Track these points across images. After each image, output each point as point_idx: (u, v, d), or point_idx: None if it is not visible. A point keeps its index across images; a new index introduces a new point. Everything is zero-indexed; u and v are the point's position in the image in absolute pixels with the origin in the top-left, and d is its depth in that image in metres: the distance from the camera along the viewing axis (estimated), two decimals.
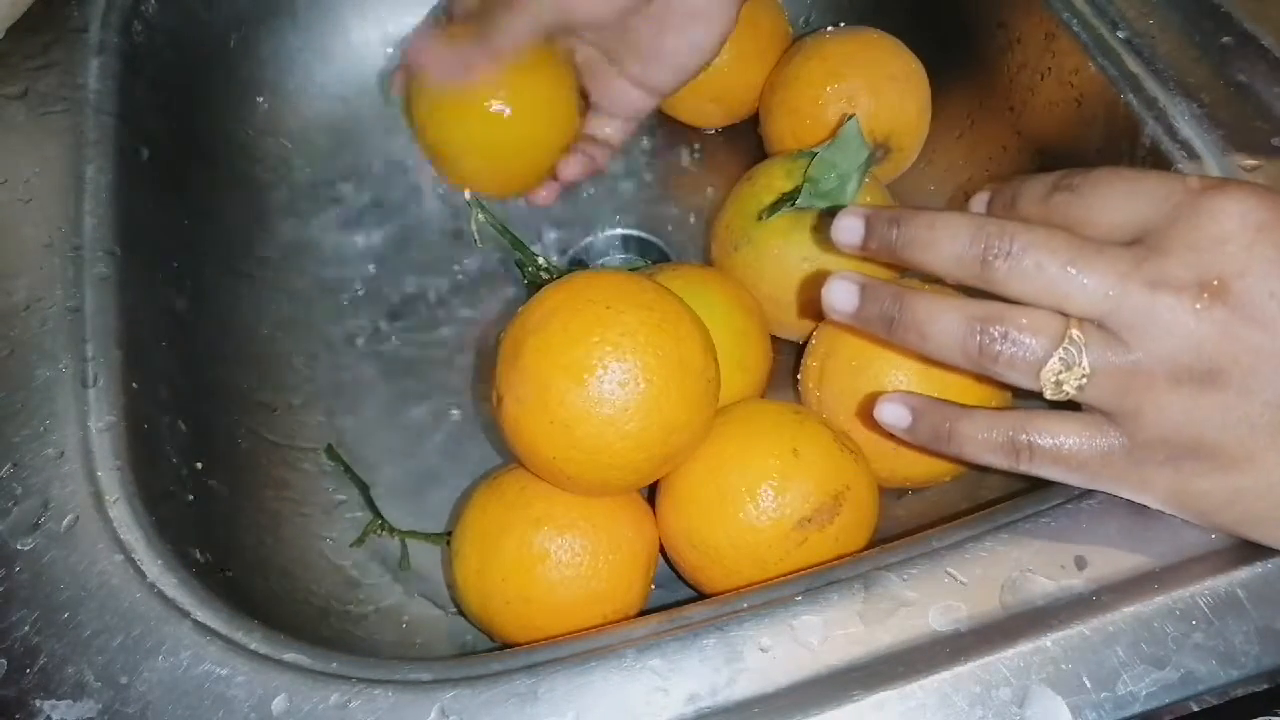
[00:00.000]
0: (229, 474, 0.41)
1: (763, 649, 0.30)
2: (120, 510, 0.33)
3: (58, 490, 0.33)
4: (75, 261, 0.38)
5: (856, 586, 0.31)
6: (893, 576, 0.31)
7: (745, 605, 0.31)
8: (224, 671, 0.30)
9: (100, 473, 0.34)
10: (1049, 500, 0.33)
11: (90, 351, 0.36)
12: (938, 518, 0.36)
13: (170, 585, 0.32)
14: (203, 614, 0.31)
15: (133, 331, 0.38)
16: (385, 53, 0.58)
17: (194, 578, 0.32)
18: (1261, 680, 0.29)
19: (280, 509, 0.43)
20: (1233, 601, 0.30)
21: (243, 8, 0.53)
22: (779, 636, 0.30)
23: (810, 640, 0.30)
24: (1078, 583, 0.31)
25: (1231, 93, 0.40)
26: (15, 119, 0.42)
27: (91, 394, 0.35)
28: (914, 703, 0.28)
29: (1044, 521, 0.32)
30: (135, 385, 0.37)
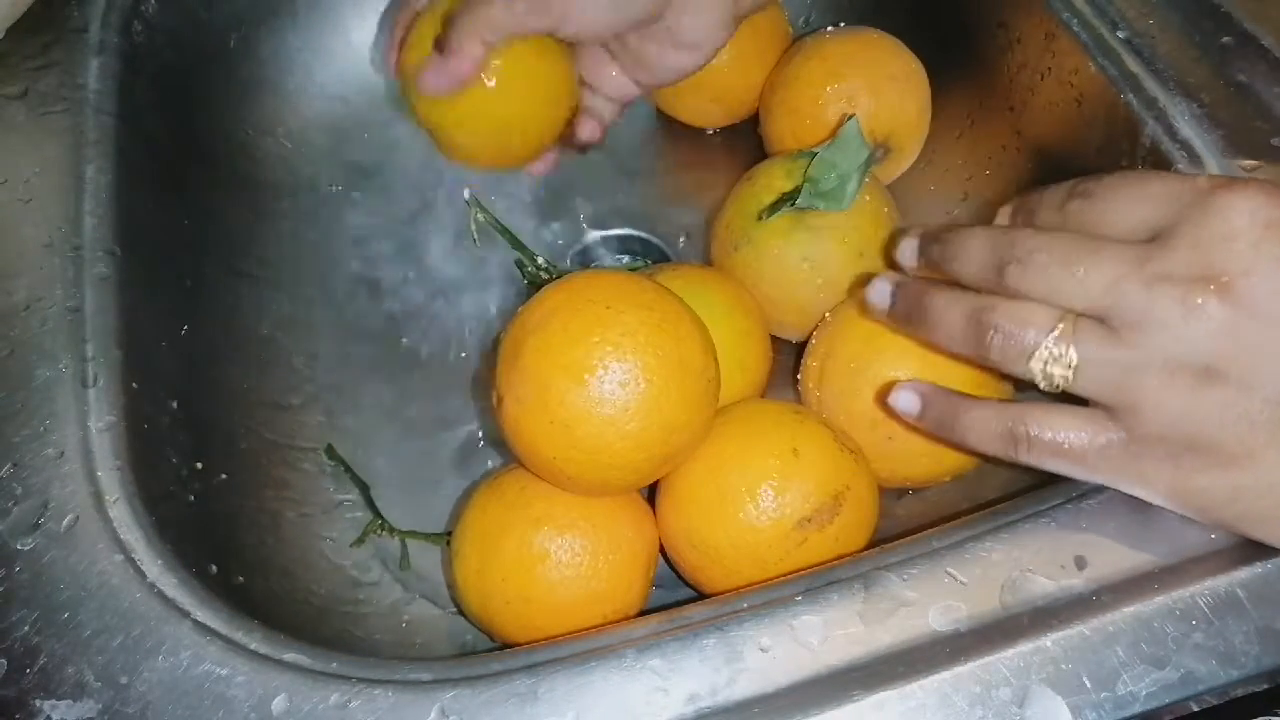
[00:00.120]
0: (229, 474, 0.41)
1: (763, 649, 0.30)
2: (120, 510, 0.33)
3: (58, 490, 0.33)
4: (75, 261, 0.38)
5: (856, 586, 0.31)
6: (893, 576, 0.31)
7: (745, 605, 0.31)
8: (224, 671, 0.30)
9: (100, 473, 0.34)
10: (1049, 500, 0.33)
11: (90, 351, 0.36)
12: (938, 518, 0.36)
13: (170, 585, 0.32)
14: (203, 614, 0.31)
15: (133, 331, 0.38)
16: (377, 50, 0.58)
17: (194, 578, 0.32)
18: (1261, 680, 0.29)
19: (280, 509, 0.43)
20: (1233, 601, 0.30)
21: (243, 8, 0.53)
22: (779, 636, 0.30)
23: (810, 640, 0.30)
24: (1078, 583, 0.31)
25: (1231, 93, 0.40)
26: (15, 119, 0.42)
27: (91, 394, 0.35)
28: (914, 703, 0.28)
29: (1044, 521, 0.32)
30: (135, 385, 0.37)
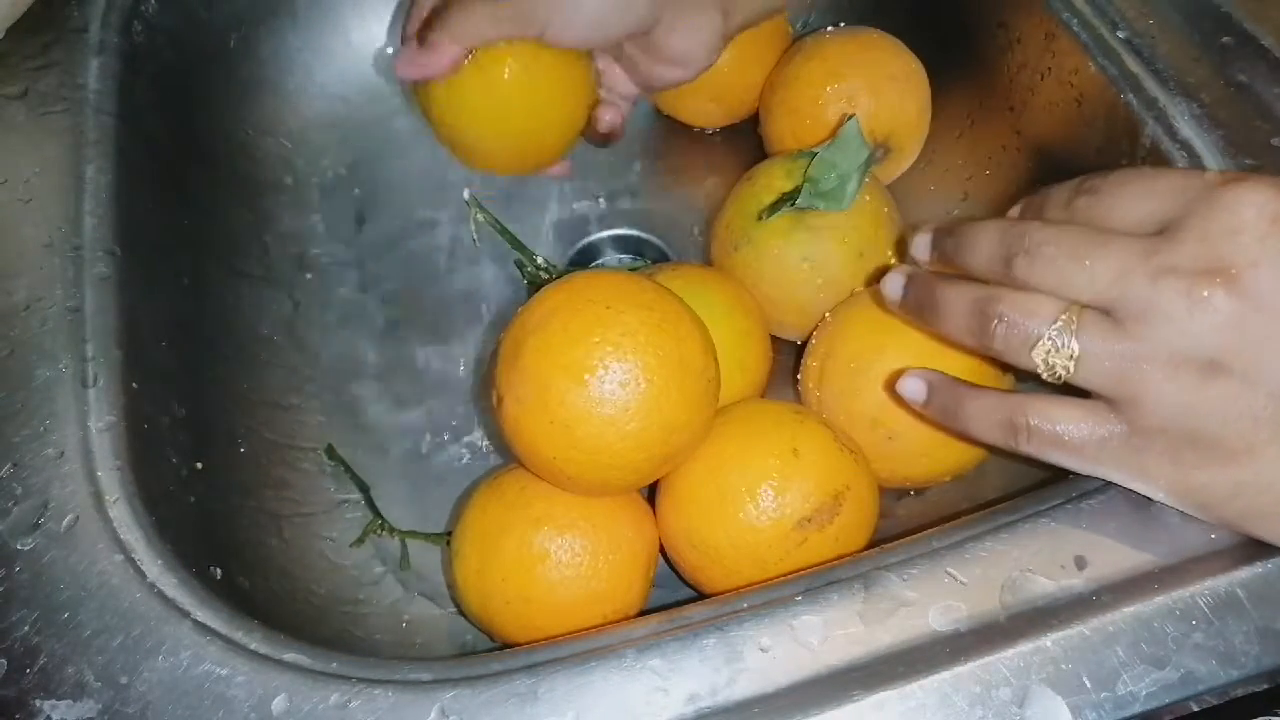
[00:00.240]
0: (229, 474, 0.41)
1: (763, 649, 0.30)
2: (120, 510, 0.33)
3: (58, 490, 0.33)
4: (75, 261, 0.38)
5: (856, 586, 0.31)
6: (893, 576, 0.31)
7: (745, 605, 0.31)
8: (224, 671, 0.30)
9: (100, 473, 0.34)
10: (1049, 500, 0.33)
11: (90, 351, 0.36)
12: (938, 518, 0.36)
13: (170, 585, 0.32)
14: (203, 614, 0.31)
15: (133, 331, 0.38)
16: (386, 53, 0.58)
17: (194, 578, 0.32)
18: (1261, 680, 0.29)
19: (280, 509, 0.43)
20: (1233, 601, 0.30)
21: (243, 8, 0.53)
22: (779, 636, 0.30)
23: (810, 640, 0.30)
24: (1078, 583, 0.31)
25: (1231, 93, 0.40)
26: (15, 119, 0.42)
27: (91, 394, 0.35)
28: (914, 703, 0.28)
29: (1044, 521, 0.32)
30: (135, 385, 0.37)
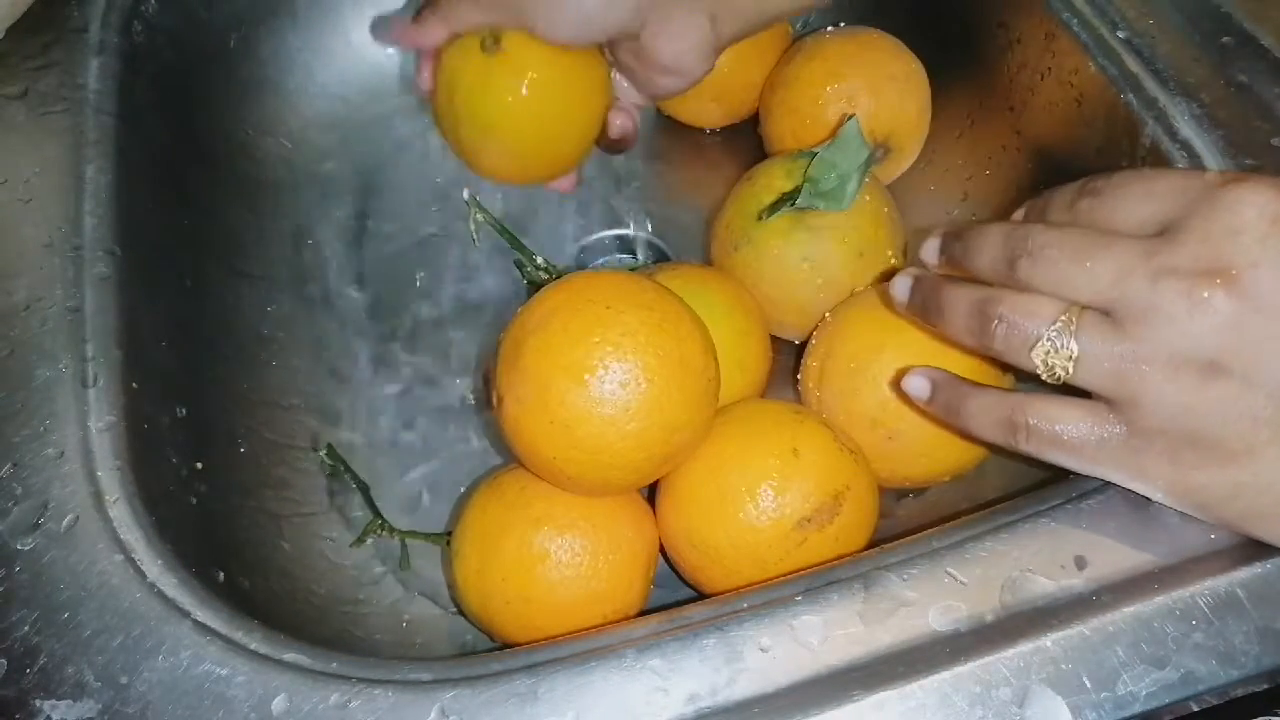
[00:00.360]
0: (229, 474, 0.41)
1: (763, 649, 0.30)
2: (120, 510, 0.33)
3: (58, 490, 0.33)
4: (75, 261, 0.38)
5: (856, 586, 0.31)
6: (893, 576, 0.31)
7: (745, 605, 0.31)
8: (224, 671, 0.30)
9: (100, 473, 0.34)
10: (1049, 500, 0.33)
11: (90, 351, 0.36)
12: (938, 518, 0.36)
13: (170, 585, 0.32)
14: (203, 614, 0.31)
15: (133, 331, 0.38)
16: (385, 53, 0.58)
17: (194, 578, 0.32)
18: (1261, 680, 0.29)
19: (280, 509, 0.43)
20: (1233, 601, 0.30)
21: (243, 8, 0.53)
22: (779, 636, 0.30)
23: (810, 640, 0.30)
24: (1078, 583, 0.31)
25: (1231, 93, 0.40)
26: (15, 119, 0.42)
27: (91, 394, 0.35)
28: (914, 703, 0.28)
29: (1044, 521, 0.32)
30: (135, 385, 0.37)
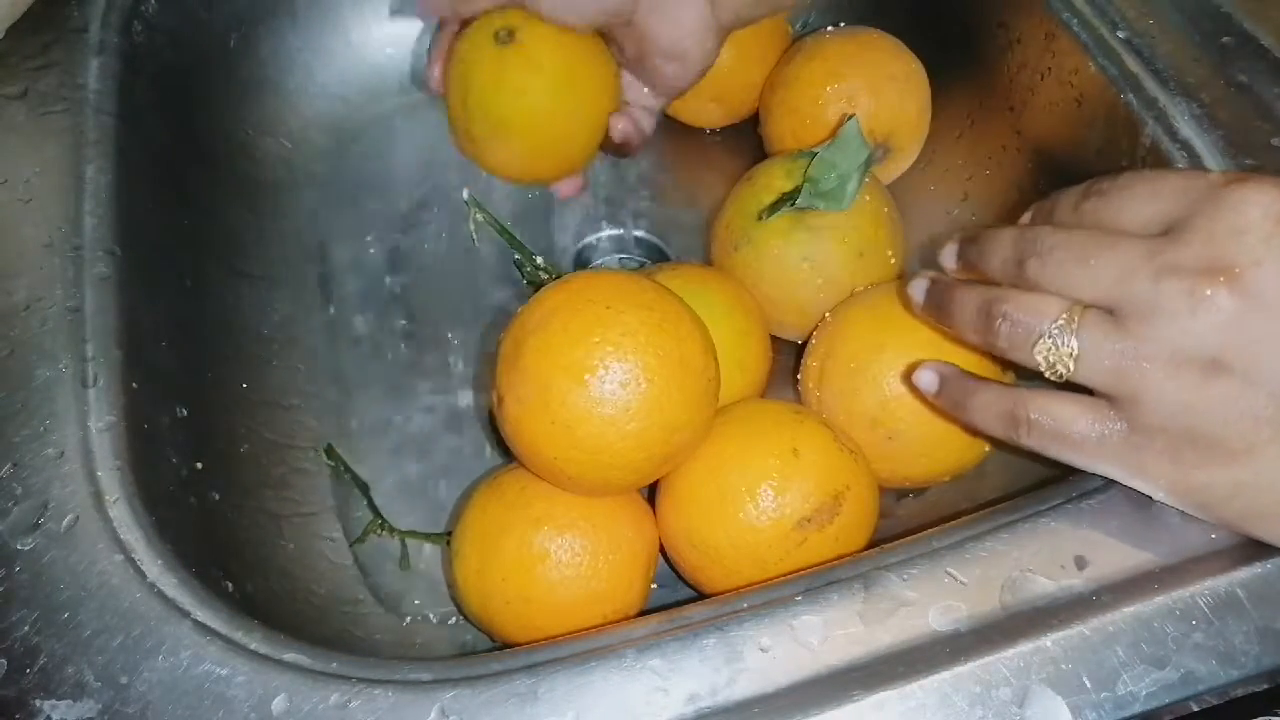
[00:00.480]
0: (229, 474, 0.41)
1: (763, 649, 0.30)
2: (120, 510, 0.33)
3: (58, 490, 0.33)
4: (75, 261, 0.38)
5: (856, 586, 0.31)
6: (893, 576, 0.31)
7: (745, 605, 0.31)
8: (224, 671, 0.30)
9: (100, 473, 0.34)
10: (1049, 500, 0.33)
11: (90, 351, 0.36)
12: (938, 518, 0.36)
13: (170, 585, 0.32)
14: (203, 614, 0.31)
15: (133, 331, 0.38)
16: (385, 52, 0.58)
17: (194, 578, 0.32)
18: (1261, 680, 0.29)
19: (280, 509, 0.43)
20: (1233, 601, 0.30)
21: (243, 8, 0.53)
22: (779, 636, 0.30)
23: (810, 640, 0.30)
24: (1078, 583, 0.31)
25: (1231, 93, 0.40)
26: (15, 119, 0.42)
27: (91, 394, 0.35)
28: (914, 703, 0.28)
29: (1044, 521, 0.32)
30: (135, 385, 0.37)
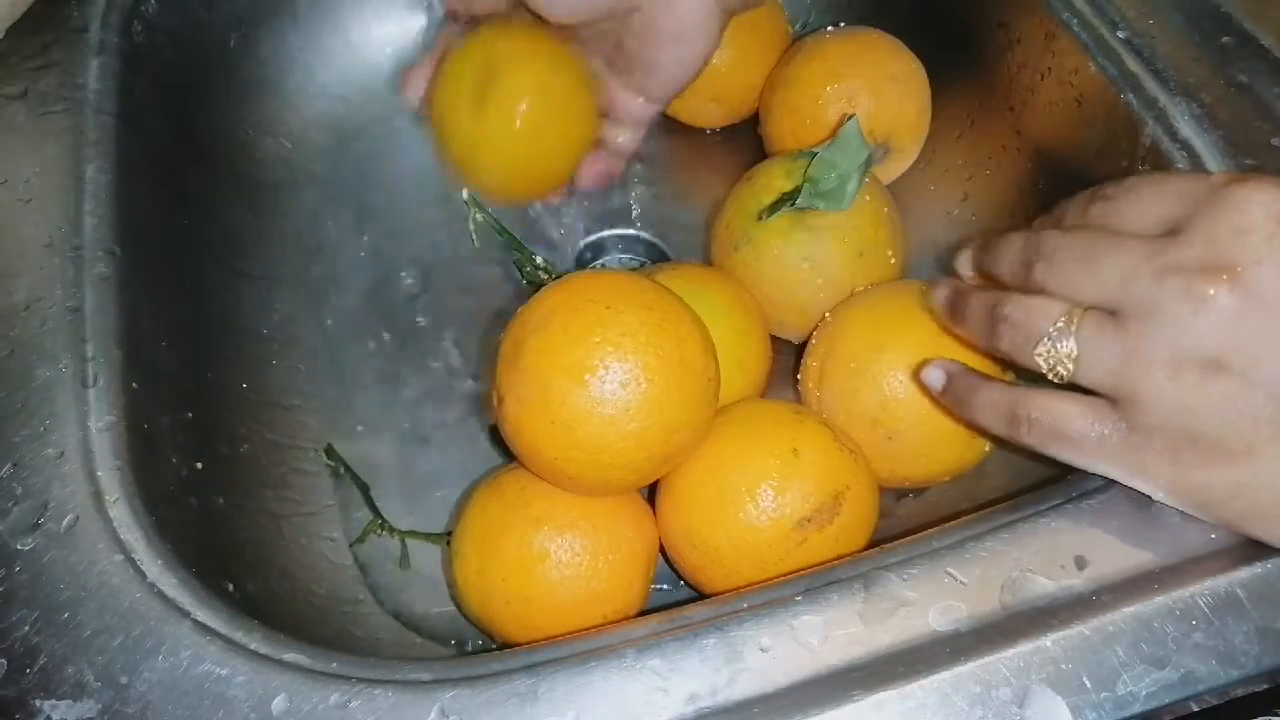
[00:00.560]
0: (229, 474, 0.41)
1: (763, 649, 0.30)
2: (120, 510, 0.33)
3: (58, 490, 0.33)
4: (75, 261, 0.38)
5: (856, 586, 0.31)
6: (893, 576, 0.31)
7: (745, 605, 0.31)
8: (224, 671, 0.30)
9: (100, 473, 0.34)
10: (1049, 500, 0.33)
11: (90, 351, 0.36)
12: (938, 518, 0.36)
13: (170, 585, 0.32)
14: (203, 614, 0.31)
15: (133, 331, 0.38)
16: (385, 52, 0.58)
17: (194, 578, 0.32)
18: (1261, 680, 0.29)
19: (280, 509, 0.43)
20: (1233, 601, 0.30)
21: (243, 8, 0.53)
22: (779, 636, 0.30)
23: (810, 640, 0.30)
24: (1078, 583, 0.31)
25: (1231, 93, 0.40)
26: (15, 119, 0.42)
27: (91, 394, 0.35)
28: (914, 703, 0.28)
29: (1044, 521, 0.32)
30: (135, 385, 0.37)
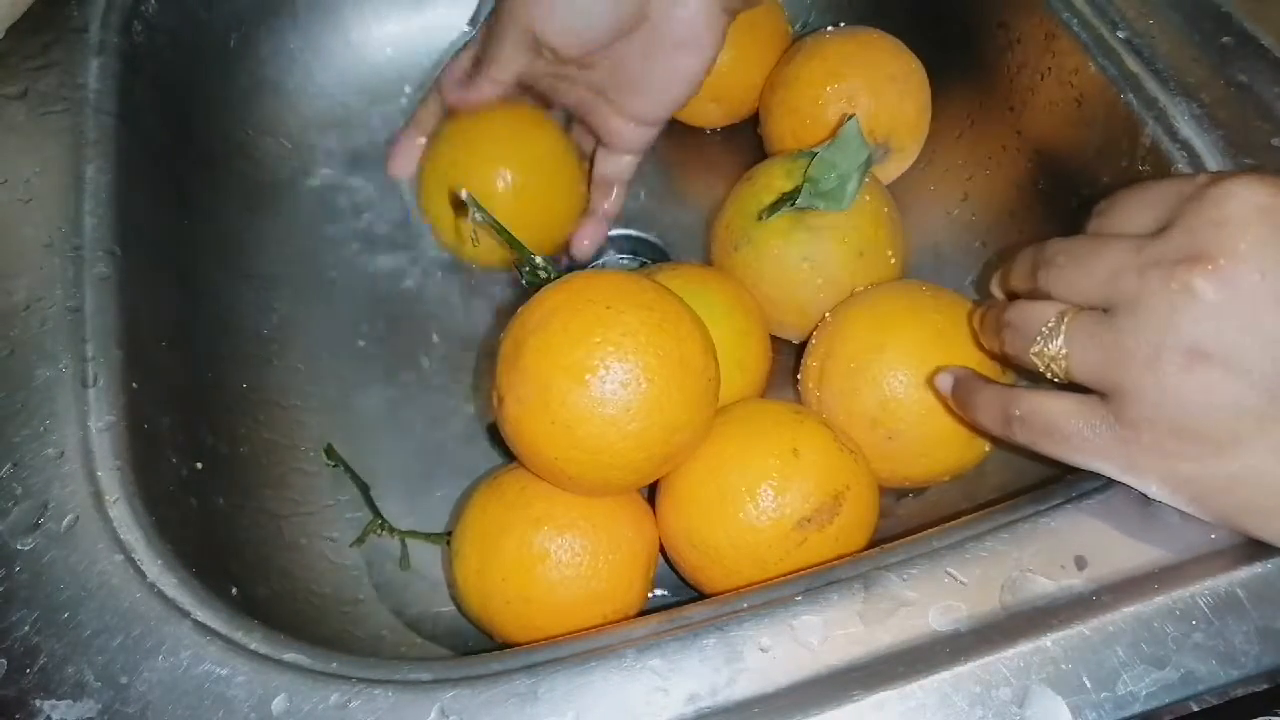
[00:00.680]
0: (229, 474, 0.41)
1: (763, 649, 0.30)
2: (120, 510, 0.33)
3: (58, 490, 0.33)
4: (75, 261, 0.38)
5: (856, 586, 0.31)
6: (893, 576, 0.31)
7: (745, 605, 0.31)
8: (224, 671, 0.30)
9: (100, 473, 0.34)
10: (1049, 500, 0.33)
11: (90, 351, 0.36)
12: (938, 518, 0.36)
13: (170, 585, 0.32)
14: (203, 614, 0.31)
15: (133, 331, 0.38)
16: (385, 53, 0.58)
17: (194, 578, 0.32)
18: (1261, 680, 0.29)
19: (280, 509, 0.43)
20: (1233, 601, 0.30)
21: (243, 8, 0.53)
22: (779, 636, 0.30)
23: (810, 640, 0.30)
24: (1078, 583, 0.31)
25: (1231, 93, 0.40)
26: (15, 119, 0.42)
27: (91, 394, 0.35)
28: (914, 703, 0.28)
29: (1044, 521, 0.32)
30: (135, 385, 0.37)
